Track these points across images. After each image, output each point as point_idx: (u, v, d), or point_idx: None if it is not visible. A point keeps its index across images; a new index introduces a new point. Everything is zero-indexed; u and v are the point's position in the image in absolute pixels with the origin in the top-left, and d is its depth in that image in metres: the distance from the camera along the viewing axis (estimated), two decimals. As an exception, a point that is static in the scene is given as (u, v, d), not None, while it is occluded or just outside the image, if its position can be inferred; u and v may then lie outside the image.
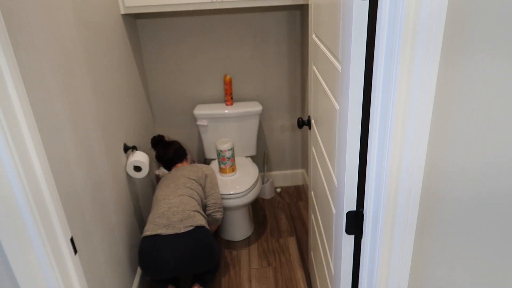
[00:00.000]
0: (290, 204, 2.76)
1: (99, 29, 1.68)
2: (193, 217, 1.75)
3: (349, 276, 1.12)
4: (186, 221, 1.72)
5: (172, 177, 2.02)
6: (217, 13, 2.39)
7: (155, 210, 1.80)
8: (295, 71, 2.60)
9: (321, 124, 1.33)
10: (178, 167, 2.18)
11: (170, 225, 1.70)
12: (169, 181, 1.98)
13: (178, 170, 2.07)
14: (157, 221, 1.73)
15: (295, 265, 2.18)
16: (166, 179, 2.03)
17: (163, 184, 1.99)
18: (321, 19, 1.23)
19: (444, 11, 0.67)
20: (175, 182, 1.96)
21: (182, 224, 1.71)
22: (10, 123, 0.83)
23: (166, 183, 1.98)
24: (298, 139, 2.84)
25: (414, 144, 0.78)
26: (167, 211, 1.76)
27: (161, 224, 1.71)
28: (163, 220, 1.72)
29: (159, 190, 1.94)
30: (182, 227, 1.70)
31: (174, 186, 1.92)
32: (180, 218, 1.73)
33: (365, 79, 0.85)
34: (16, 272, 0.94)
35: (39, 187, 0.92)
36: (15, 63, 0.85)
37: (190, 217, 1.74)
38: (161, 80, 2.55)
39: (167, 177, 2.06)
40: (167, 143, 2.25)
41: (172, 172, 2.09)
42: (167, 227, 1.70)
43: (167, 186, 1.94)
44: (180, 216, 1.73)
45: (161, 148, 2.22)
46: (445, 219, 0.80)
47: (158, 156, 2.22)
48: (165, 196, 1.86)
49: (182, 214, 1.74)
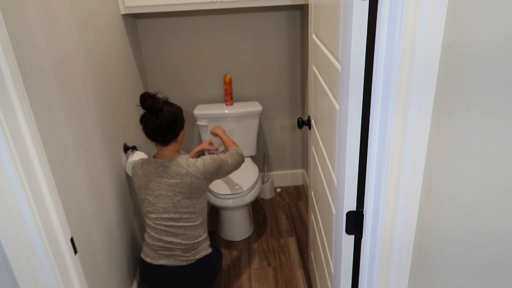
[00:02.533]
0: (290, 204, 2.76)
1: (99, 29, 1.68)
2: (196, 249, 1.69)
3: (349, 276, 1.12)
4: (189, 253, 1.68)
5: (151, 185, 1.62)
6: (217, 13, 2.39)
7: (152, 236, 1.66)
8: (295, 71, 2.60)
9: (321, 124, 1.33)
10: (162, 153, 1.65)
11: (172, 256, 1.66)
12: (151, 190, 1.63)
13: (157, 174, 1.62)
14: (158, 252, 1.67)
15: (295, 265, 2.18)
16: (145, 187, 1.64)
17: (145, 195, 1.66)
18: (321, 19, 1.23)
19: (444, 8, 0.67)
20: (159, 195, 1.62)
21: (185, 256, 1.67)
22: (10, 123, 0.83)
23: (148, 192, 1.64)
24: (298, 139, 2.84)
25: (414, 144, 0.78)
26: (168, 244, 1.65)
27: (163, 255, 1.67)
28: (166, 252, 1.66)
29: (145, 203, 1.66)
30: (184, 259, 1.67)
31: (164, 202, 1.62)
32: (183, 249, 1.67)
33: (365, 79, 0.85)
34: (16, 272, 0.94)
35: (39, 187, 0.92)
36: (15, 63, 0.85)
37: (194, 249, 1.69)
38: (161, 80, 2.55)
39: (143, 184, 1.64)
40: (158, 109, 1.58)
41: (147, 175, 1.63)
42: (169, 258, 1.67)
43: (152, 201, 1.64)
44: (183, 247, 1.66)
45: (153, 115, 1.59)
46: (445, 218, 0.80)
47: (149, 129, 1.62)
48: (158, 221, 1.64)
49: (185, 246, 1.67)
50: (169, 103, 1.65)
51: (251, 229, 2.48)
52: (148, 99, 1.57)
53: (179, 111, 1.66)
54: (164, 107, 1.60)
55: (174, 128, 1.63)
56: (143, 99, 1.58)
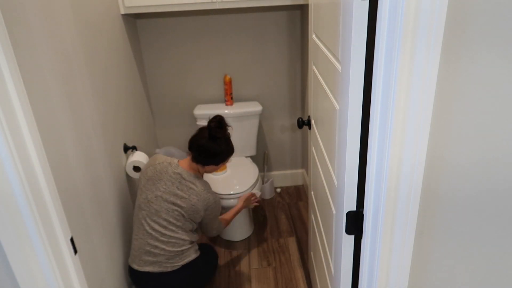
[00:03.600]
0: (290, 204, 2.76)
1: (99, 29, 1.68)
2: (181, 255, 1.68)
3: (349, 276, 1.12)
4: (173, 260, 1.67)
5: (159, 184, 1.64)
6: (217, 13, 2.39)
7: (138, 238, 1.65)
8: (295, 71, 2.60)
9: (321, 124, 1.33)
10: (186, 163, 1.69)
11: (157, 263, 1.65)
12: (155, 188, 1.64)
13: (171, 179, 1.64)
14: (142, 258, 1.65)
15: (295, 265, 2.18)
16: (150, 182, 1.65)
17: (144, 190, 1.66)
18: (321, 19, 1.23)
19: (444, 10, 0.67)
20: (159, 197, 1.63)
21: (170, 263, 1.66)
22: (10, 123, 0.83)
23: (151, 188, 1.65)
24: (298, 139, 2.84)
25: (414, 144, 0.78)
26: (154, 249, 1.63)
27: (148, 261, 1.65)
28: (150, 257, 1.65)
29: (143, 196, 1.66)
30: (169, 266, 1.66)
31: (159, 205, 1.62)
32: (168, 256, 1.65)
33: (365, 79, 0.85)
34: (16, 272, 0.94)
35: (39, 187, 0.92)
36: (15, 63, 0.85)
37: (178, 256, 1.67)
38: (161, 80, 2.55)
39: (153, 178, 1.65)
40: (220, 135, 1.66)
41: (162, 173, 1.65)
42: (154, 264, 1.65)
43: (149, 198, 1.64)
44: (166, 256, 1.65)
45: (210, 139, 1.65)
46: (445, 219, 0.80)
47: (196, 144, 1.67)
48: (146, 222, 1.64)
49: (169, 254, 1.65)
50: (228, 141, 1.71)
51: (251, 229, 2.48)
52: (216, 122, 1.65)
53: (225, 153, 1.70)
54: (221, 140, 1.67)
55: (209, 158, 1.67)
56: (213, 119, 1.66)
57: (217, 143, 1.65)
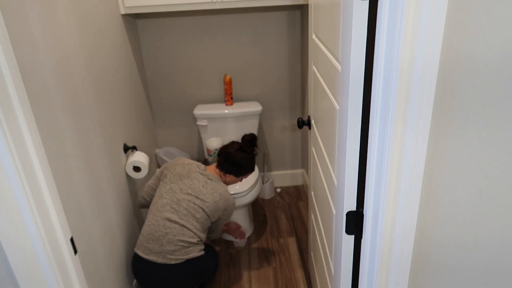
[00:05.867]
0: (290, 204, 2.76)
1: (99, 29, 1.68)
2: (187, 249, 1.70)
3: (349, 276, 1.12)
4: (179, 253, 1.69)
5: (186, 181, 1.77)
6: (217, 13, 2.39)
7: (150, 224, 1.71)
8: (295, 71, 2.60)
9: (321, 124, 1.33)
10: (212, 168, 1.89)
11: (161, 253, 1.68)
12: (182, 183, 1.77)
13: (197, 177, 1.79)
14: (149, 245, 1.69)
15: (295, 265, 2.18)
16: (177, 177, 1.78)
17: (169, 182, 1.78)
18: (321, 19, 1.23)
19: (444, 8, 0.67)
20: (183, 191, 1.74)
21: (173, 255, 1.68)
22: (10, 123, 0.83)
23: (178, 182, 1.77)
24: (298, 139, 2.84)
25: (414, 143, 0.78)
26: (163, 237, 1.68)
27: (154, 249, 1.68)
28: (156, 246, 1.68)
29: (167, 187, 1.77)
30: (173, 258, 1.69)
31: (181, 197, 1.73)
32: (173, 249, 1.68)
33: (365, 79, 0.85)
34: (16, 272, 0.94)
35: (39, 187, 0.92)
36: (15, 63, 0.85)
37: (184, 249, 1.69)
38: (161, 80, 2.55)
39: (181, 174, 1.79)
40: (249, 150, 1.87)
41: (190, 172, 1.80)
42: (158, 254, 1.68)
43: (173, 189, 1.75)
44: (173, 247, 1.68)
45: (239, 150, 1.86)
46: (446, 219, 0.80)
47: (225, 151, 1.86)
48: (165, 209, 1.72)
49: (176, 244, 1.68)
50: (253, 158, 1.90)
51: (251, 229, 2.48)
52: (251, 139, 1.87)
53: (248, 168, 1.89)
54: (247, 154, 1.87)
55: (232, 167, 1.84)
56: (248, 136, 1.87)
57: (244, 156, 1.85)
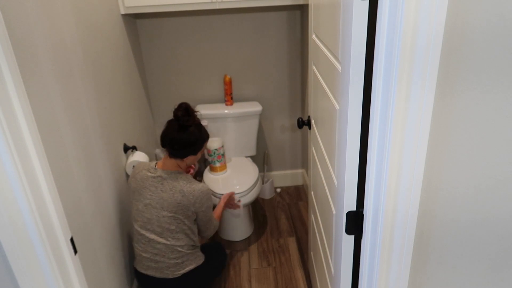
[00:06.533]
0: (290, 204, 2.76)
1: (99, 29, 1.68)
2: (181, 264, 1.68)
3: (349, 276, 1.12)
4: (174, 268, 1.68)
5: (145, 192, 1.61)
6: (217, 13, 2.39)
7: (138, 246, 1.67)
8: (295, 71, 2.60)
9: (321, 124, 1.33)
10: (165, 162, 1.65)
11: (158, 269, 1.67)
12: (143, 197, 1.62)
13: (153, 183, 1.61)
14: (144, 263, 1.67)
15: (295, 265, 2.18)
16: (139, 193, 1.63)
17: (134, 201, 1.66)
18: (321, 19, 1.23)
19: (444, 8, 0.67)
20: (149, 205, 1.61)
21: (170, 271, 1.68)
22: (10, 123, 0.83)
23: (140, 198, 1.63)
24: (298, 139, 2.84)
25: (414, 143, 0.78)
26: (154, 257, 1.64)
27: (150, 266, 1.67)
28: (151, 264, 1.67)
29: (134, 208, 1.66)
30: (170, 273, 1.68)
31: (150, 213, 1.60)
32: (167, 265, 1.66)
33: (365, 79, 0.85)
34: (16, 272, 0.94)
35: (39, 187, 0.92)
36: (15, 63, 0.85)
37: (178, 265, 1.68)
38: (161, 80, 2.55)
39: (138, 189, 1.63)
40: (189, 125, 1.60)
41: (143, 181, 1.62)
42: (155, 270, 1.67)
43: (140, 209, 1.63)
44: (167, 264, 1.66)
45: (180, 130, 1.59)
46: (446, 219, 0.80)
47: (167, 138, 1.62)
48: (142, 230, 1.64)
49: (170, 261, 1.66)
50: (200, 127, 1.64)
51: (251, 229, 2.48)
52: (182, 110, 1.58)
53: (200, 140, 1.64)
54: (191, 128, 1.60)
55: (186, 149, 1.61)
56: (179, 108, 1.58)
57: (189, 132, 1.59)
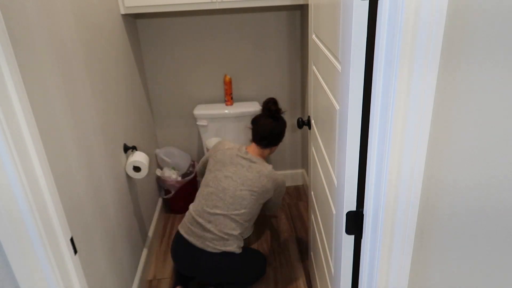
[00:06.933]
0: (290, 204, 2.76)
1: (99, 29, 1.68)
2: (226, 241, 1.73)
3: (349, 276, 1.12)
4: (217, 242, 1.71)
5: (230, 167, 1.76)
6: (217, 13, 2.39)
7: (196, 210, 1.76)
8: (295, 71, 2.60)
9: (321, 124, 1.33)
10: (252, 149, 1.85)
11: (202, 237, 1.72)
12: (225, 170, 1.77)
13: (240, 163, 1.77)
14: (193, 227, 1.73)
15: (295, 265, 2.18)
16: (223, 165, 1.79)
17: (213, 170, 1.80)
18: (321, 19, 1.23)
19: (444, 10, 0.67)
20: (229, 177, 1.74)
21: (212, 243, 1.71)
22: (10, 123, 0.83)
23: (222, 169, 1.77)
24: (298, 139, 2.84)
25: (414, 143, 0.78)
26: (205, 225, 1.72)
27: (195, 233, 1.72)
28: (198, 231, 1.72)
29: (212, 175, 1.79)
30: (211, 246, 1.71)
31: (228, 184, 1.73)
32: (213, 237, 1.71)
33: (365, 79, 0.85)
34: (16, 272, 0.94)
35: (39, 187, 0.92)
36: (15, 63, 0.85)
37: (223, 240, 1.72)
38: (161, 80, 2.55)
39: (223, 161, 1.80)
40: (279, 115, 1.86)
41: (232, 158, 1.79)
42: (198, 238, 1.72)
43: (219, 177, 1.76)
44: (213, 235, 1.71)
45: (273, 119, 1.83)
46: (446, 219, 0.80)
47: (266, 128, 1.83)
48: (210, 197, 1.74)
49: (218, 233, 1.71)
50: (282, 117, 1.89)
51: (251, 229, 2.48)
52: (273, 104, 1.83)
53: (285, 129, 1.89)
54: (281, 119, 1.86)
55: (278, 138, 1.86)
56: (269, 103, 1.84)
57: (281, 122, 1.85)
